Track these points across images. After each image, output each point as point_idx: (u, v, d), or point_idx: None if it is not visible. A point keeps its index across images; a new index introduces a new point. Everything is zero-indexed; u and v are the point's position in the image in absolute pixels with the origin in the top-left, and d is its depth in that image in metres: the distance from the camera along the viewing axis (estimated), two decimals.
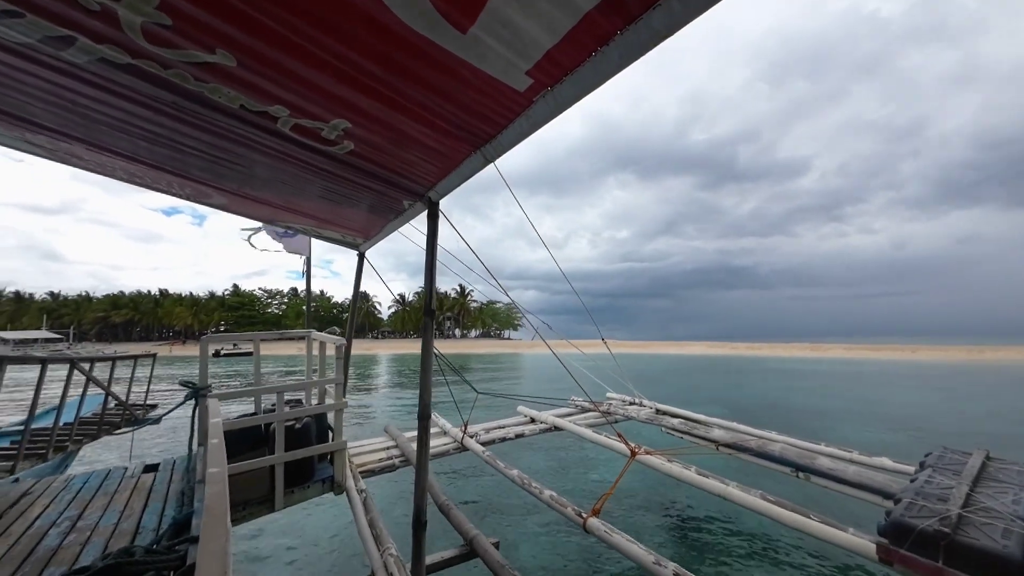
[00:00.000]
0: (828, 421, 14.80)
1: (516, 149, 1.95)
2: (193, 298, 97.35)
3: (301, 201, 3.44)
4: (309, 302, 8.09)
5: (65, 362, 4.48)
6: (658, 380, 28.08)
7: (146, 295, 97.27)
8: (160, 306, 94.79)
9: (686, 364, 44.94)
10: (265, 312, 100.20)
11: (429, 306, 2.76)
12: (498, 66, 1.38)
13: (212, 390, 3.52)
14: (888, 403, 19.50)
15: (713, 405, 16.58)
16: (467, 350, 70.75)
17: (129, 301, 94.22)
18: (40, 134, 2.48)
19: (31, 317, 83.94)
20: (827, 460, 4.59)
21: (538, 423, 6.67)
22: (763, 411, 16.55)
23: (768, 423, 6.03)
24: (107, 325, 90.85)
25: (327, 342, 4.29)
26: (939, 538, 2.59)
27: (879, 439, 12.18)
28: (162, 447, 10.61)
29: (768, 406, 18.05)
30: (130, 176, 3.28)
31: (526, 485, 4.33)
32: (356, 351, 64.40)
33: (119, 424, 5.87)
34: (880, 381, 29.71)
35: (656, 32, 1.11)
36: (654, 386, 23.55)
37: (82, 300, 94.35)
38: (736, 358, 56.64)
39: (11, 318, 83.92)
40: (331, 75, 1.55)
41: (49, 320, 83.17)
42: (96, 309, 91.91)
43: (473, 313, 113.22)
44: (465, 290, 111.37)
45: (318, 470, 4.00)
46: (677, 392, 22.03)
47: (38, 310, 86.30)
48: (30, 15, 1.37)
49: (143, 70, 1.64)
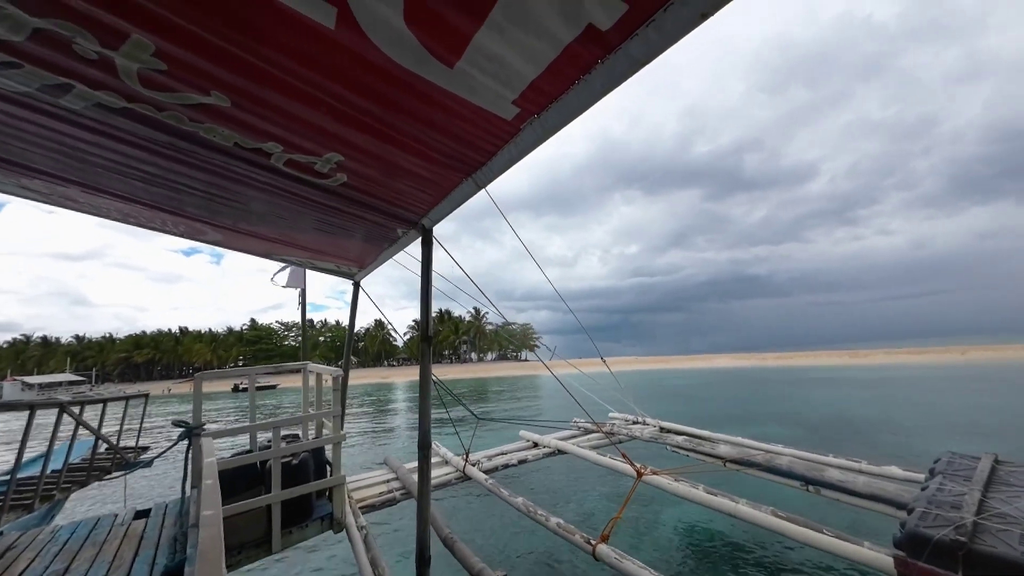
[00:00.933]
0: (910, 436, 13.05)
1: (519, 172, 2.01)
2: (212, 334, 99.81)
3: (296, 234, 3.47)
4: (305, 334, 8.03)
5: (54, 406, 4.36)
6: (697, 397, 26.43)
7: (166, 334, 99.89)
8: (180, 344, 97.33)
9: (718, 378, 42.96)
10: (282, 344, 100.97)
11: (425, 332, 2.74)
12: (486, 97, 1.43)
13: (206, 429, 3.44)
14: (966, 409, 17.76)
15: (776, 424, 15.44)
16: (485, 374, 69.62)
17: (150, 340, 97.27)
18: (36, 179, 2.50)
19: (57, 361, 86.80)
20: (836, 472, 4.52)
21: (541, 447, 6.54)
22: (833, 427, 14.88)
23: (848, 444, 5.42)
24: (129, 365, 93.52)
25: (324, 373, 4.23)
26: (956, 548, 2.53)
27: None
28: (157, 489, 10.26)
29: (834, 421, 16.27)
30: (124, 216, 3.30)
31: (532, 513, 4.21)
32: (372, 380, 62.98)
33: (109, 469, 5.67)
34: (943, 387, 27.33)
35: (635, 60, 1.16)
36: (695, 405, 22.46)
37: (106, 342, 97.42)
38: (768, 369, 54.70)
39: (39, 362, 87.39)
40: (323, 111, 1.60)
41: (74, 363, 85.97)
42: (119, 350, 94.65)
43: (489, 335, 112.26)
44: (480, 312, 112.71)
45: (316, 507, 3.88)
46: (726, 410, 20.34)
47: (64, 354, 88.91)
48: (28, 65, 1.41)
49: (139, 113, 1.67)
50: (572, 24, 1.09)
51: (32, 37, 1.25)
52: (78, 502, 8.69)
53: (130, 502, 8.56)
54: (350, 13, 1.10)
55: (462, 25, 1.12)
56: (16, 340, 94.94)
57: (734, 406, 21.70)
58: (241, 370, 4.44)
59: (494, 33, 1.13)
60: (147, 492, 10.28)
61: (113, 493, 9.48)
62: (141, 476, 10.95)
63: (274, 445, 3.51)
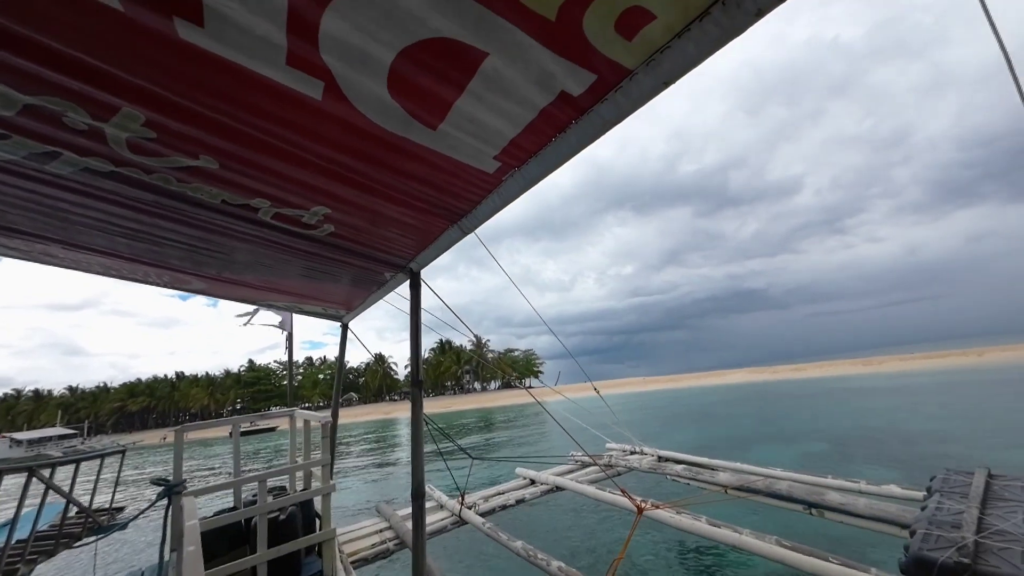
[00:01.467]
0: (973, 447, 12.04)
1: None
2: (209, 378, 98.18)
3: (281, 280, 3.46)
4: (291, 378, 7.83)
5: (23, 470, 4.13)
6: (721, 416, 25.33)
7: (162, 380, 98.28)
8: (176, 389, 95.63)
9: (736, 394, 41.12)
10: (281, 385, 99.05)
11: (416, 376, 2.72)
12: (467, 153, 1.49)
13: (187, 487, 3.28)
14: (1014, 412, 16.62)
15: (820, 441, 14.83)
16: (489, 403, 66.84)
17: (145, 388, 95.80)
18: (15, 238, 2.48)
19: (48, 414, 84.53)
20: (836, 494, 4.48)
21: (539, 484, 6.36)
22: (883, 443, 13.82)
23: (909, 458, 4.91)
24: (124, 415, 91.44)
25: (311, 420, 4.11)
26: (961, 570, 2.50)
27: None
28: (124, 549, 9.58)
29: (881, 434, 15.19)
30: (106, 269, 3.26)
31: (532, 558, 4.05)
32: (375, 416, 60.32)
33: (80, 535, 5.32)
34: (975, 391, 25.83)
35: (606, 120, 1.24)
36: (724, 426, 21.39)
37: (100, 391, 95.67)
38: (785, 383, 52.41)
39: (30, 417, 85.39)
40: (310, 169, 1.64)
41: (66, 415, 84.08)
42: (113, 399, 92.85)
43: (492, 364, 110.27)
44: (481, 340, 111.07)
45: (305, 565, 3.67)
46: (760, 429, 19.16)
47: (56, 406, 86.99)
48: (16, 136, 1.43)
49: (126, 176, 1.69)
50: (546, 91, 1.16)
51: (22, 112, 1.28)
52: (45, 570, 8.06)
53: (101, 570, 7.97)
54: (336, 86, 1.16)
55: (443, 94, 1.19)
56: (7, 395, 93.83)
57: (765, 424, 20.39)
58: (225, 420, 4.29)
59: (474, 100, 1.20)
60: (117, 553, 9.59)
61: (80, 559, 8.82)
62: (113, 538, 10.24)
63: (260, 500, 3.34)
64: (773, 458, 10.46)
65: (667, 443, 14.18)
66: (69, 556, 8.31)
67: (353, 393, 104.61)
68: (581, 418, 5.99)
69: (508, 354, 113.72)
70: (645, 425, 23.76)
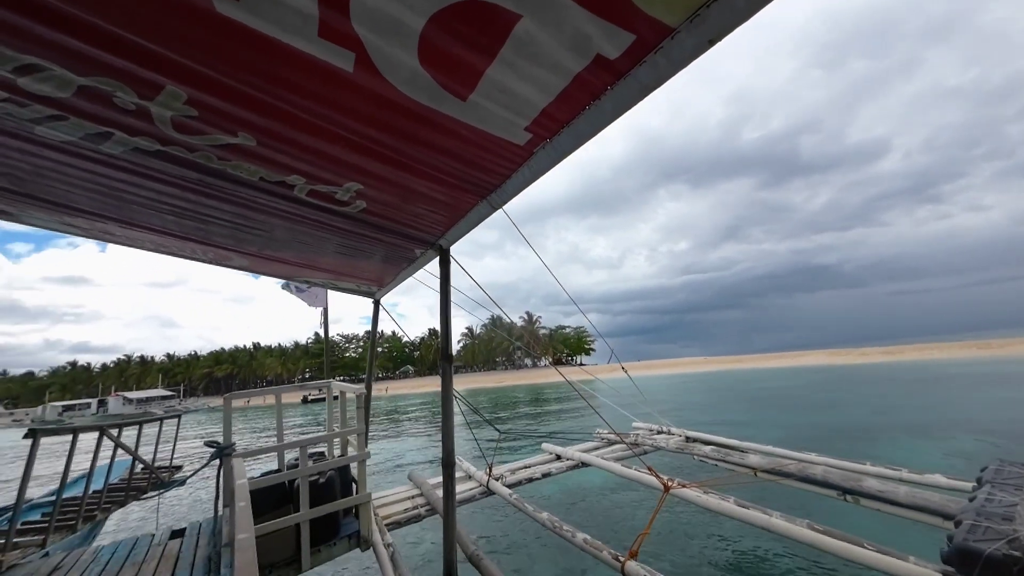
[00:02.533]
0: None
1: (557, 175, 1.98)
2: (281, 349, 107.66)
3: (318, 257, 3.57)
4: (327, 352, 8.17)
5: (95, 429, 4.56)
6: (821, 404, 20.68)
7: (242, 350, 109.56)
8: (254, 359, 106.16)
9: (822, 378, 34.83)
10: (344, 356, 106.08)
11: (446, 351, 2.78)
12: (498, 125, 1.47)
13: (236, 449, 3.53)
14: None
15: (963, 434, 12.26)
16: (541, 379, 63.33)
17: (228, 356, 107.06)
18: (78, 217, 2.66)
19: (152, 377, 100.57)
20: (875, 481, 4.32)
21: (564, 460, 6.46)
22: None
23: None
24: (211, 380, 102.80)
25: (347, 391, 4.31)
26: (1011, 563, 2.39)
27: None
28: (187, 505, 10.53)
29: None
30: (157, 247, 3.47)
31: (557, 529, 4.15)
32: (430, 388, 61.20)
33: (146, 488, 5.87)
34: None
35: (644, 85, 1.17)
36: (824, 412, 17.93)
37: (191, 359, 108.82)
38: (878, 366, 45.07)
39: (138, 379, 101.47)
40: (342, 145, 1.66)
41: (166, 379, 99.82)
42: (202, 366, 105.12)
43: (544, 341, 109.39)
44: (532, 317, 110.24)
45: (343, 526, 3.92)
46: (879, 418, 15.80)
47: (157, 371, 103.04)
48: (73, 118, 1.52)
49: (171, 155, 1.77)
50: (581, 55, 1.11)
51: (77, 93, 1.35)
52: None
53: (164, 521, 8.80)
54: (367, 57, 1.15)
55: (474, 62, 1.16)
56: (120, 360, 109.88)
57: (880, 414, 16.75)
58: (267, 389, 4.56)
59: (505, 68, 1.17)
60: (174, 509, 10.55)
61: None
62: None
63: (301, 464, 3.57)
64: (916, 458, 9.09)
65: (768, 434, 12.96)
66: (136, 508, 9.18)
67: (409, 366, 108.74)
68: (631, 397, 5.78)
69: (559, 331, 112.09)
70: (724, 408, 22.35)
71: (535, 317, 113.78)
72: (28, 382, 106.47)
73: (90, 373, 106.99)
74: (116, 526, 8.80)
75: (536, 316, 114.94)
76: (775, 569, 5.66)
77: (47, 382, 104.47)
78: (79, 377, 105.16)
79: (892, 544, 3.03)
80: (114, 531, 8.42)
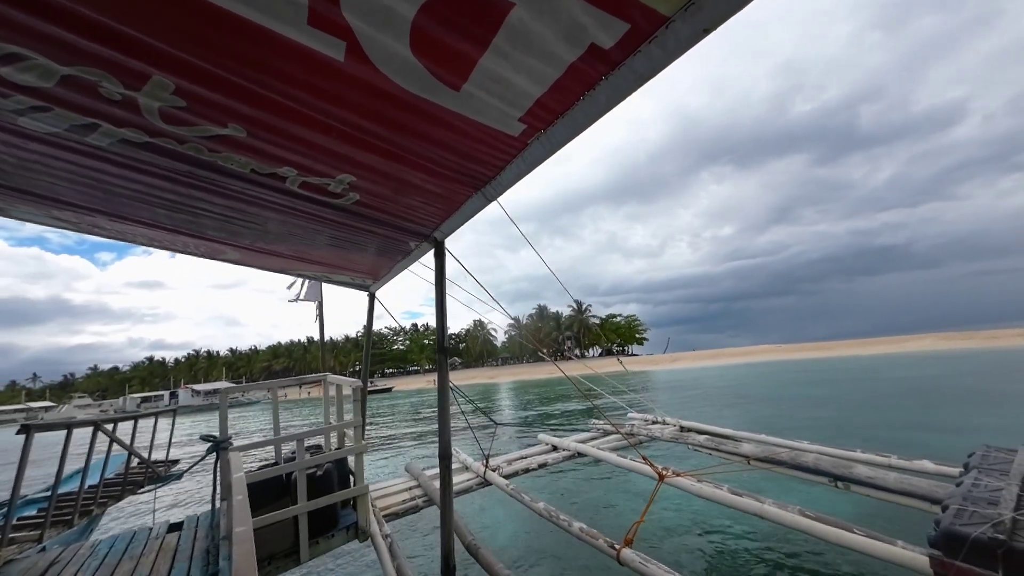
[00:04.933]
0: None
1: (593, 164, 1.89)
2: (332, 342, 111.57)
3: (311, 250, 3.54)
4: (323, 347, 8.16)
5: (89, 425, 4.54)
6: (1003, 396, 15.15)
7: (297, 344, 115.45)
8: (308, 352, 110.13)
9: (948, 368, 28.32)
10: (391, 348, 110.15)
11: (442, 343, 2.78)
12: (492, 116, 1.45)
13: (233, 443, 3.53)
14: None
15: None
16: (591, 371, 62.40)
17: (285, 351, 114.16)
18: (66, 210, 2.62)
19: (217, 371, 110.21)
20: (865, 468, 4.40)
21: (561, 450, 6.52)
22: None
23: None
24: (271, 372, 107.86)
25: (343, 385, 4.31)
26: (995, 546, 2.45)
27: None
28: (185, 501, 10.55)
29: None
30: (149, 240, 3.42)
31: (554, 518, 4.21)
32: (479, 380, 58.92)
33: (142, 483, 5.87)
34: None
35: (639, 75, 1.17)
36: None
37: (252, 353, 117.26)
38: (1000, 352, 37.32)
39: (206, 372, 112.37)
40: (335, 136, 1.64)
41: (229, 372, 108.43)
42: (262, 360, 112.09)
43: (594, 330, 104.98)
44: (583, 306, 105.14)
45: (342, 517, 3.94)
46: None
47: (222, 365, 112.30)
48: (58, 108, 1.48)
49: (160, 147, 1.74)
50: (575, 44, 1.10)
51: (61, 83, 1.32)
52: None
53: (161, 516, 8.82)
54: (358, 46, 1.13)
55: (467, 52, 1.15)
56: (190, 355, 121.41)
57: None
58: (262, 383, 4.56)
59: (498, 57, 1.15)
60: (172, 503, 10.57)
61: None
62: None
63: (298, 457, 3.58)
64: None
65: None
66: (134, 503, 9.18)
67: (456, 358, 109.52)
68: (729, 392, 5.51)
69: (609, 320, 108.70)
70: (906, 410, 15.09)
71: (585, 306, 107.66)
72: (114, 375, 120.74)
73: (165, 367, 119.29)
74: (117, 524, 8.81)
75: (586, 304, 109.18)
76: (767, 555, 5.78)
77: (129, 376, 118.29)
78: (156, 371, 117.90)
79: (884, 528, 3.10)
80: (115, 526, 8.43)
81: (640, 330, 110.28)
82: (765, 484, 6.70)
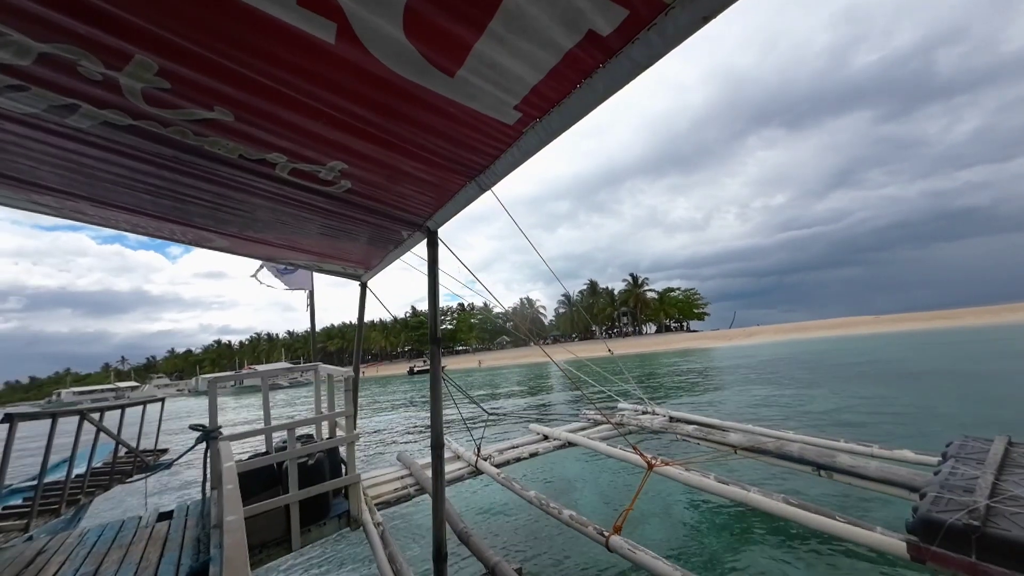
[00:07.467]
0: None
1: (631, 135, 1.77)
2: (383, 323, 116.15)
3: (301, 238, 3.49)
4: (313, 335, 8.10)
5: (75, 414, 4.47)
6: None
7: (349, 326, 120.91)
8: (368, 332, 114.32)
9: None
10: (443, 328, 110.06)
11: (434, 333, 2.77)
12: (487, 103, 1.43)
13: (223, 432, 3.51)
14: None
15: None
16: (651, 348, 56.09)
17: (338, 332, 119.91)
18: (46, 195, 2.54)
19: (277, 352, 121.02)
20: (847, 457, 4.52)
21: (551, 440, 6.59)
22: None
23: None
24: (325, 353, 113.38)
25: (334, 374, 4.29)
26: (970, 532, 2.54)
27: None
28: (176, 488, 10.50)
29: None
30: (133, 227, 3.34)
31: (544, 506, 4.26)
32: (530, 359, 56.70)
33: (131, 472, 5.82)
34: None
35: (637, 63, 1.15)
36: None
37: (307, 335, 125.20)
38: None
39: (267, 354, 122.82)
40: (325, 122, 1.60)
41: (288, 353, 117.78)
42: (317, 341, 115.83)
43: (652, 304, 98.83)
44: (639, 279, 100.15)
45: (333, 506, 3.96)
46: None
47: (281, 347, 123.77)
48: (35, 88, 1.43)
49: (144, 129, 1.69)
50: (572, 30, 1.08)
51: (38, 61, 1.27)
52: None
53: (151, 505, 8.79)
54: (350, 28, 1.10)
55: (462, 36, 1.12)
56: (252, 338, 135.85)
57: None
58: (250, 372, 4.52)
59: (494, 42, 1.13)
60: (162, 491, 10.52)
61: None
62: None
63: (289, 446, 3.57)
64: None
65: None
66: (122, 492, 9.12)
67: (505, 336, 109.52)
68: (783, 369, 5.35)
69: (667, 293, 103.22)
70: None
71: (641, 279, 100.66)
72: (188, 357, 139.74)
73: (231, 350, 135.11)
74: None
75: (642, 278, 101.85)
76: (752, 542, 5.93)
77: (201, 358, 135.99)
78: (223, 353, 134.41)
79: (865, 516, 3.19)
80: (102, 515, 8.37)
81: (700, 304, 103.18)
82: (751, 473, 6.84)
